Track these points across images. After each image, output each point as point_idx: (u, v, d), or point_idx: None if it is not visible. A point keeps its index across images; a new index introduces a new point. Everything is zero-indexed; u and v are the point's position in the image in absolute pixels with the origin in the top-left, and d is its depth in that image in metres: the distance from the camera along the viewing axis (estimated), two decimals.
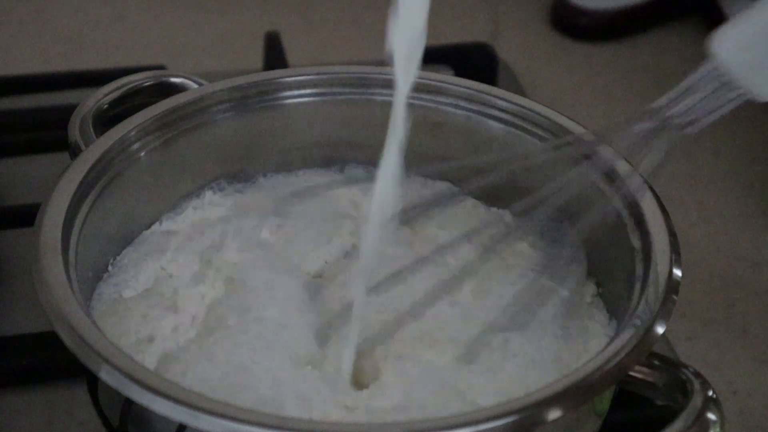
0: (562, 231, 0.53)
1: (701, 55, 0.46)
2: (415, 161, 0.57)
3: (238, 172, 0.57)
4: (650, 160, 0.45)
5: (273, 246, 0.52)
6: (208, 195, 0.56)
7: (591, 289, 0.51)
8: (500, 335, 0.46)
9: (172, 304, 0.49)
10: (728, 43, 0.42)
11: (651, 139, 0.45)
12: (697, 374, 0.42)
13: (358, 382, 0.46)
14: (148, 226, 0.54)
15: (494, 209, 0.56)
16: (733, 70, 0.42)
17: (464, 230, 0.52)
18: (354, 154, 0.59)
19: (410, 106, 0.57)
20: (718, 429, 0.40)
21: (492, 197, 0.56)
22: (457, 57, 0.76)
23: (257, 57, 0.79)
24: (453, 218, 0.54)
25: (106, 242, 0.51)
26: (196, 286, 0.50)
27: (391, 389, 0.44)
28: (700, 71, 0.44)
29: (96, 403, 0.45)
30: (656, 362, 0.43)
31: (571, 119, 0.54)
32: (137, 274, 0.50)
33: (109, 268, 0.51)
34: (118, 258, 0.52)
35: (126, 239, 0.53)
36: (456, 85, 0.57)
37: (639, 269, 0.46)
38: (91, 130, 0.53)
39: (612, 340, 0.42)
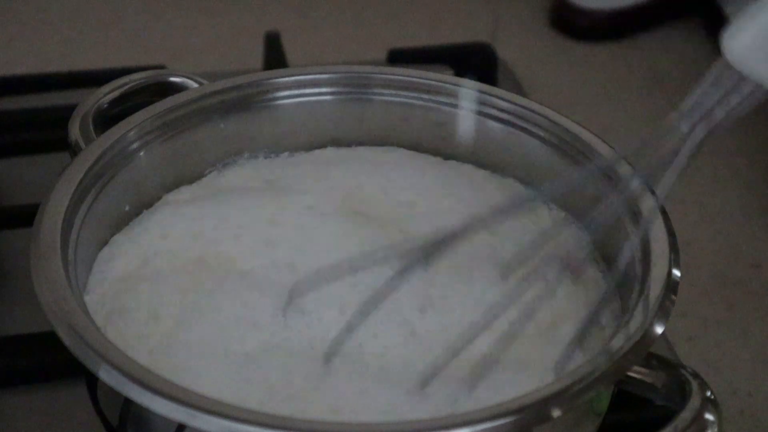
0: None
1: (701, 55, 0.46)
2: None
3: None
4: (671, 174, 0.44)
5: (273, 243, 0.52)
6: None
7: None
8: None
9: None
10: (739, 42, 0.43)
11: (676, 152, 0.44)
12: (696, 375, 0.42)
13: None
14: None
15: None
16: (746, 68, 0.42)
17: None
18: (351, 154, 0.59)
19: (410, 106, 0.58)
20: (716, 429, 0.40)
21: None
22: (457, 57, 0.76)
23: (257, 57, 0.79)
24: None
25: (106, 241, 0.51)
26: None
27: None
28: (713, 73, 0.43)
29: (95, 403, 0.45)
30: (655, 363, 0.43)
31: (571, 119, 0.54)
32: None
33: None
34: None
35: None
36: (456, 85, 0.57)
37: (638, 269, 0.46)
38: (92, 129, 0.53)
39: (610, 339, 0.42)
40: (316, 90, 0.57)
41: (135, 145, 0.52)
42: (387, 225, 0.52)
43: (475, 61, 0.77)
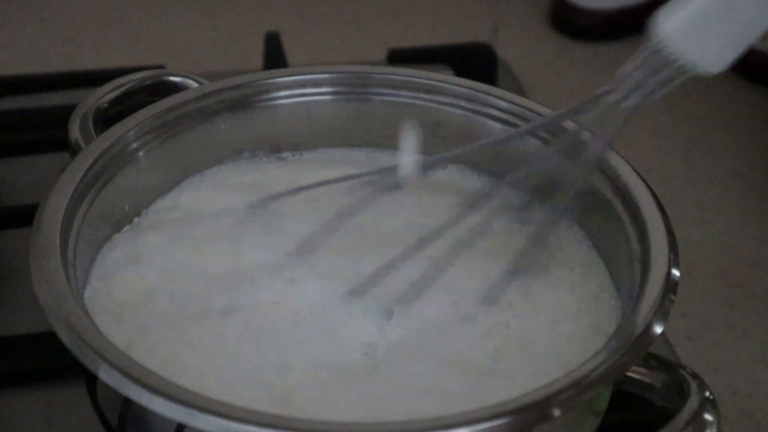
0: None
1: None
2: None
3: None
4: (601, 141, 0.48)
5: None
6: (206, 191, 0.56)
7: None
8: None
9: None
10: (671, 23, 0.45)
11: (605, 119, 0.48)
12: (695, 375, 0.42)
13: None
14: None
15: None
16: (677, 48, 0.45)
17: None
18: (353, 154, 0.59)
19: (410, 106, 0.58)
20: (714, 430, 0.40)
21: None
22: (457, 57, 0.76)
23: (257, 57, 0.79)
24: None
25: (105, 240, 0.51)
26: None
27: None
28: (645, 50, 0.46)
29: (95, 402, 0.45)
30: (654, 363, 0.43)
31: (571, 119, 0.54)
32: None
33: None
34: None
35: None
36: (456, 85, 0.57)
37: (637, 269, 0.46)
38: (92, 129, 0.53)
39: (610, 340, 0.42)
40: (316, 90, 0.57)
41: (135, 145, 0.52)
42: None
43: (475, 61, 0.77)
